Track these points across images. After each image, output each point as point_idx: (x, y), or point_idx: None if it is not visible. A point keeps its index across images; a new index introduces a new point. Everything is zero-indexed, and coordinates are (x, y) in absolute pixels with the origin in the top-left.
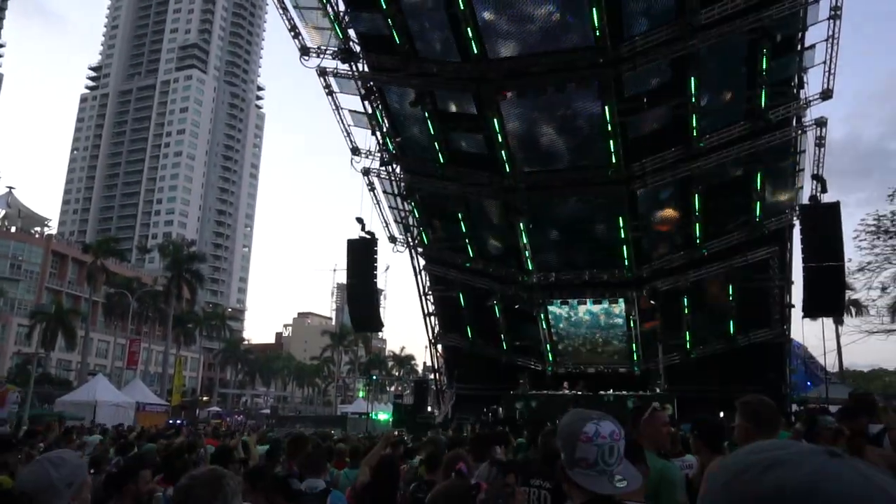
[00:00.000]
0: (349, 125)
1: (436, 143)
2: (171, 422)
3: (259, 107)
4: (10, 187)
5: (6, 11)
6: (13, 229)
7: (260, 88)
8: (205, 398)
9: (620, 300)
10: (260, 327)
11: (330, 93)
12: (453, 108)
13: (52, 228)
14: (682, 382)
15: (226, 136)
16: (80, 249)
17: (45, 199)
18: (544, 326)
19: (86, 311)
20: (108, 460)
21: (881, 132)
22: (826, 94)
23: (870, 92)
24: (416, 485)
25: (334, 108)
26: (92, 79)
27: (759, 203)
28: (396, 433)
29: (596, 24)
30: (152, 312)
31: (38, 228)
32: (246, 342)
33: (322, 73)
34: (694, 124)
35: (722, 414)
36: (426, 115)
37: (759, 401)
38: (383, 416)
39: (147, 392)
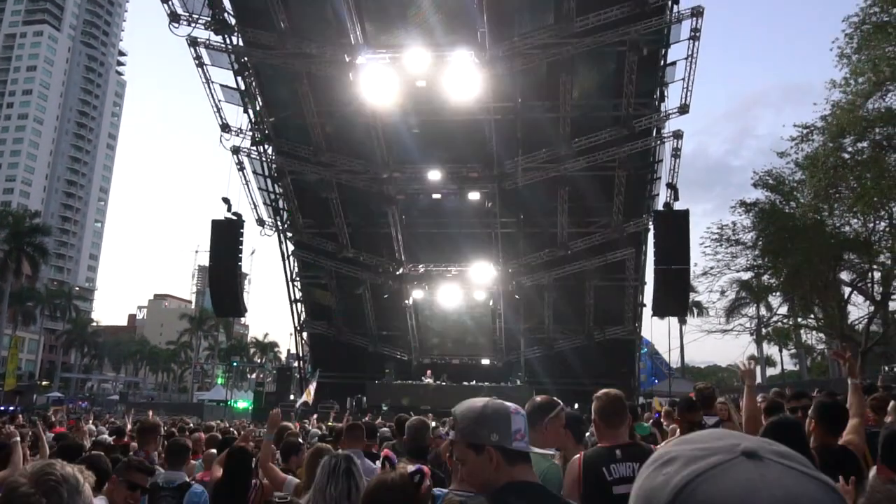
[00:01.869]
0: (220, 100)
1: (310, 127)
2: (2, 408)
3: (120, 73)
4: None
5: None
6: None
7: (122, 54)
8: (44, 383)
9: (486, 293)
10: (112, 309)
11: (200, 65)
12: (330, 92)
13: None
14: (541, 375)
15: (80, 102)
16: None
17: None
18: (412, 317)
19: None
20: None
21: (725, 149)
22: (683, 109)
23: (717, 111)
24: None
25: (204, 81)
26: None
27: (620, 206)
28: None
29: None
30: None
31: None
32: (95, 324)
33: (193, 43)
34: (563, 127)
35: (577, 406)
36: (302, 97)
37: (604, 395)
38: (243, 403)
39: None
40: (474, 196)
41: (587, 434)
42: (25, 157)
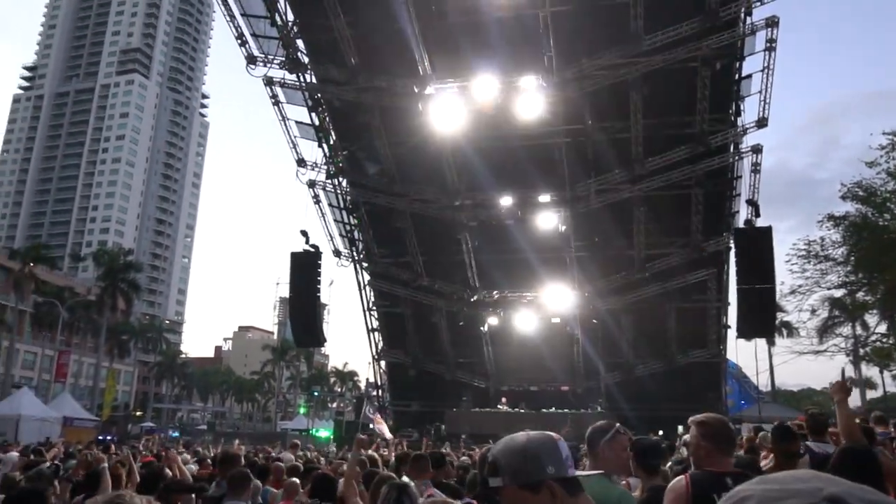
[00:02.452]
0: (295, 136)
1: (383, 158)
2: (100, 437)
3: (203, 115)
4: None
5: None
6: None
7: (205, 96)
8: (138, 413)
9: (563, 319)
10: (199, 341)
11: (276, 103)
12: (401, 123)
13: None
14: (623, 401)
15: (167, 144)
16: (7, 256)
17: None
18: (488, 344)
19: (12, 321)
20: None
21: (809, 162)
22: (761, 123)
23: (798, 123)
24: None
25: (281, 118)
26: (26, 79)
27: (698, 226)
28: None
29: (543, 44)
30: (84, 323)
31: None
32: (183, 355)
33: (269, 82)
34: (636, 147)
35: (661, 433)
36: (374, 129)
37: (717, 421)
38: (324, 432)
39: (76, 406)
40: (547, 220)
41: (669, 464)
42: (119, 198)
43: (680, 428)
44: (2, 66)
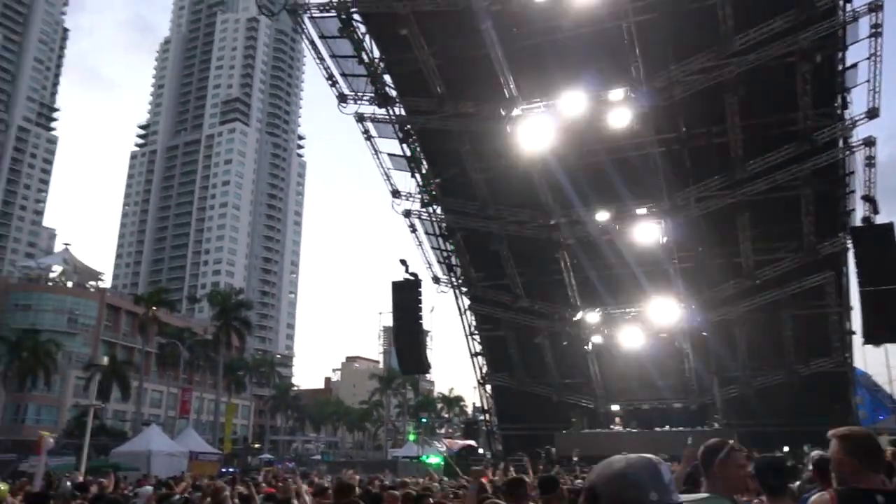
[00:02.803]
0: (388, 168)
1: (475, 182)
2: (223, 470)
3: (300, 155)
4: (67, 244)
5: (60, 78)
6: (69, 284)
7: (301, 137)
8: (256, 445)
9: (670, 333)
10: (308, 373)
11: (368, 137)
12: (491, 147)
13: (106, 282)
14: (742, 417)
15: (269, 186)
16: (133, 301)
17: (99, 254)
18: (595, 363)
19: (139, 362)
20: None
21: None
22: (872, 113)
23: None
24: None
25: (373, 152)
26: (141, 136)
27: (810, 228)
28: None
29: (629, 55)
30: (203, 361)
31: (92, 283)
32: (295, 388)
33: (360, 118)
34: (736, 151)
35: (787, 449)
36: (464, 155)
37: (862, 434)
38: (434, 459)
39: (200, 441)
40: (646, 233)
41: (798, 483)
42: (228, 240)
43: (806, 447)
44: (120, 126)
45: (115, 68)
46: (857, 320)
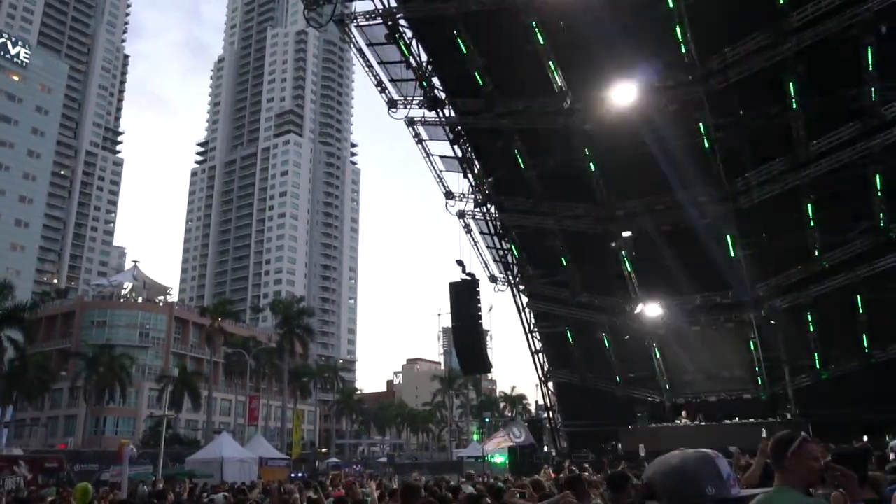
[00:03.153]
0: (441, 170)
1: (527, 180)
2: (293, 475)
3: (354, 162)
4: (136, 261)
5: (123, 102)
6: (140, 300)
7: (353, 145)
8: (323, 450)
9: (737, 322)
10: (371, 376)
11: (420, 141)
12: (542, 142)
13: (174, 296)
14: (816, 406)
15: (325, 194)
16: (199, 314)
17: (166, 269)
18: (658, 356)
19: (208, 372)
20: None
21: None
22: None
23: None
24: None
25: (425, 155)
26: (200, 153)
27: (882, 206)
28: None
29: (680, 39)
30: (268, 369)
31: (161, 297)
32: (359, 392)
33: (410, 122)
34: (797, 131)
35: (865, 438)
36: (516, 152)
37: None
38: (499, 458)
39: (269, 447)
40: (707, 220)
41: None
42: (287, 250)
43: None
44: (181, 145)
45: (174, 89)
46: None
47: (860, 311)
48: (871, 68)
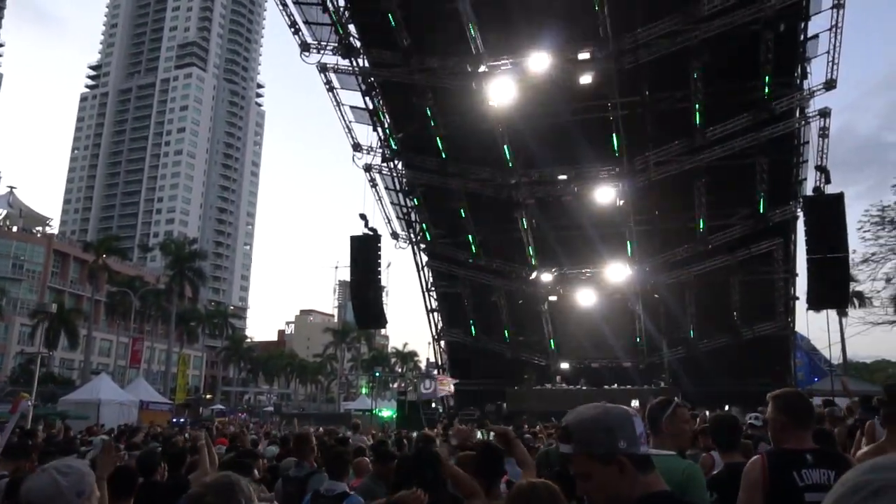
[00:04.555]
0: (350, 121)
1: (438, 139)
2: (174, 420)
3: (259, 104)
4: (11, 187)
5: (4, 11)
6: (14, 229)
7: (260, 86)
8: (208, 396)
9: (623, 294)
10: (262, 325)
11: (331, 89)
12: (455, 103)
13: (54, 228)
14: (687, 376)
15: (226, 134)
16: (82, 248)
17: (47, 199)
18: (548, 321)
19: (88, 310)
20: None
21: (878, 125)
22: (829, 85)
23: (867, 83)
24: None
25: (335, 104)
26: (91, 78)
27: (762, 195)
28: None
29: (597, 14)
30: (155, 311)
31: (39, 228)
32: (249, 340)
33: (323, 69)
34: (697, 117)
35: (728, 407)
36: (428, 110)
37: (794, 394)
38: (387, 412)
39: (151, 390)
40: (605, 195)
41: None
42: (182, 189)
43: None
44: (69, 67)
45: (63, 4)
46: (801, 286)
47: (735, 291)
48: (767, 64)
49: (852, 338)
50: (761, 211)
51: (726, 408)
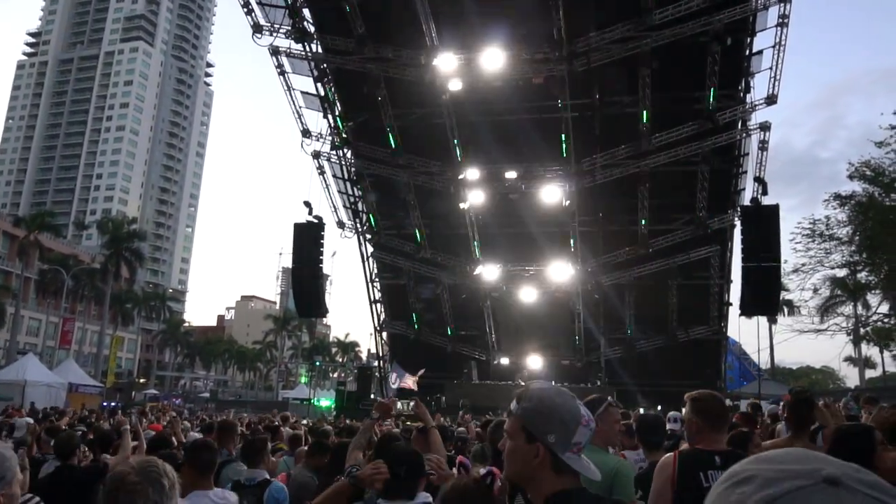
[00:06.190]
0: (301, 107)
1: (388, 130)
2: (105, 404)
3: (208, 84)
4: None
5: None
6: None
7: (209, 65)
8: (142, 380)
9: (565, 293)
10: (202, 310)
11: (282, 73)
12: (407, 95)
13: None
14: (624, 376)
15: (172, 113)
16: (12, 223)
17: None
18: (490, 317)
19: (17, 287)
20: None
21: (812, 140)
22: (771, 100)
23: (803, 101)
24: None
25: (286, 88)
26: (30, 45)
27: (704, 202)
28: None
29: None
30: (88, 291)
31: None
32: (187, 324)
33: (275, 52)
34: (644, 122)
35: (660, 408)
36: (380, 100)
37: (710, 396)
38: (325, 402)
39: (80, 373)
40: (552, 195)
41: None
42: (123, 166)
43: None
44: (6, 31)
45: None
46: (735, 293)
47: (672, 294)
48: (713, 76)
49: (780, 344)
50: (700, 218)
51: (658, 408)
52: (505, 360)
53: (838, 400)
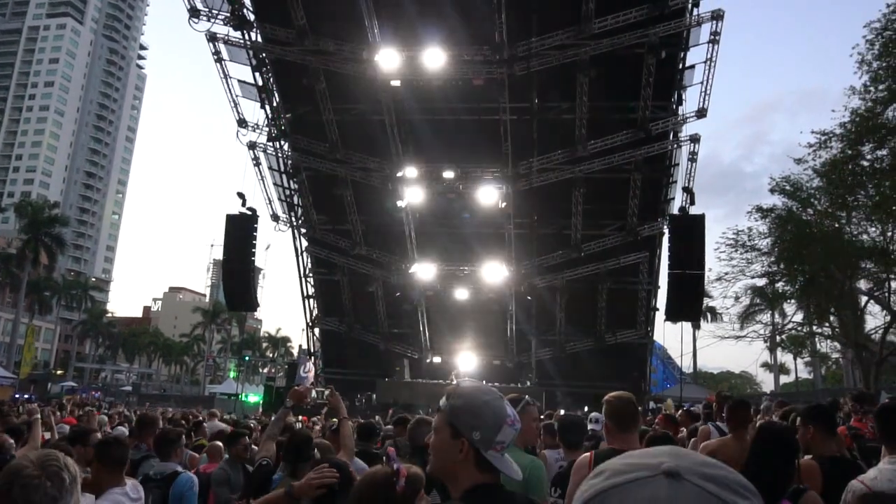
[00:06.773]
0: (237, 96)
1: (327, 124)
2: (17, 396)
3: (141, 66)
4: None
5: None
6: None
7: (143, 48)
8: (59, 372)
9: (498, 294)
10: (127, 300)
11: (219, 60)
12: (347, 89)
13: None
14: (553, 377)
15: (101, 95)
16: None
17: None
18: (423, 315)
19: None
20: None
21: (738, 155)
22: (701, 113)
23: (731, 116)
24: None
25: (223, 76)
26: None
27: (634, 210)
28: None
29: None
30: (3, 277)
31: None
32: (110, 314)
33: (212, 38)
34: (580, 129)
35: (586, 409)
36: (319, 93)
37: (619, 399)
38: (254, 397)
39: None
40: (488, 196)
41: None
42: (46, 148)
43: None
44: None
45: None
46: (661, 299)
47: (602, 298)
48: (648, 87)
49: (703, 349)
50: (632, 224)
51: (585, 409)
52: (437, 359)
53: (758, 403)
